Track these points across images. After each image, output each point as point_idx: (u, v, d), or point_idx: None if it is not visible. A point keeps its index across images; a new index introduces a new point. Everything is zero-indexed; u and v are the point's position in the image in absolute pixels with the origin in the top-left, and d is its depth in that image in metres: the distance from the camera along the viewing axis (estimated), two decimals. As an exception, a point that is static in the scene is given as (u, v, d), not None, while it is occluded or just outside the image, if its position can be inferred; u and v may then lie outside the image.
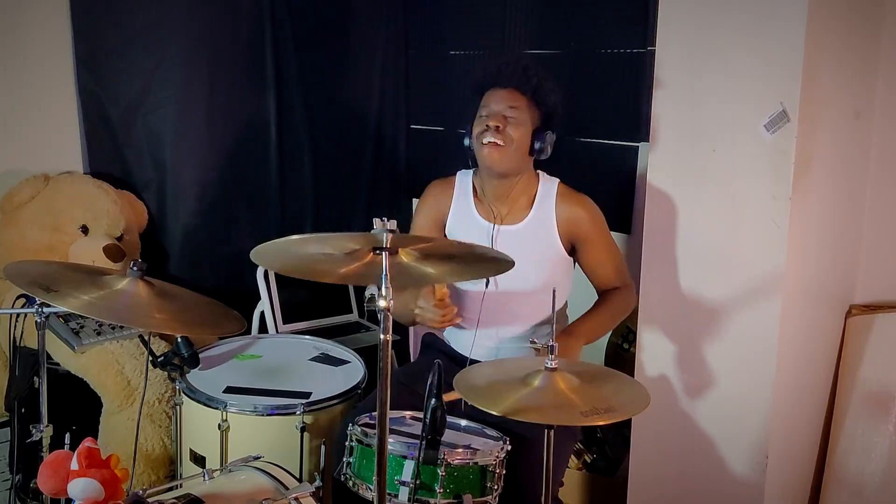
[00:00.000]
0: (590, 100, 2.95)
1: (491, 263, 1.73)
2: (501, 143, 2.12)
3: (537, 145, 2.15)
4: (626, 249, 2.86)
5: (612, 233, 2.86)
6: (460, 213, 2.31)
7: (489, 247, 2.18)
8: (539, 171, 2.29)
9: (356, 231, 3.39)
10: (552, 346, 1.73)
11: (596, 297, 2.33)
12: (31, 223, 2.63)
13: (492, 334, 2.28)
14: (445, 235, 2.34)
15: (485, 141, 2.13)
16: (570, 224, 2.22)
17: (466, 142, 2.22)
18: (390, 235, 1.44)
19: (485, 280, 2.22)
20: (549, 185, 2.25)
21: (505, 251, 1.65)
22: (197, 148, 3.02)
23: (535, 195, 2.24)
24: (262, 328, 3.06)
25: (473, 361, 2.25)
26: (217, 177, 3.09)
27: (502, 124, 2.12)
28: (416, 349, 2.88)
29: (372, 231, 1.45)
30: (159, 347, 2.50)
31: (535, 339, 2.03)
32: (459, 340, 2.34)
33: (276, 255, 1.59)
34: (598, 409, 1.61)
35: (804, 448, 2.36)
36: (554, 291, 1.81)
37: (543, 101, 2.17)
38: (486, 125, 2.12)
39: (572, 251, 2.26)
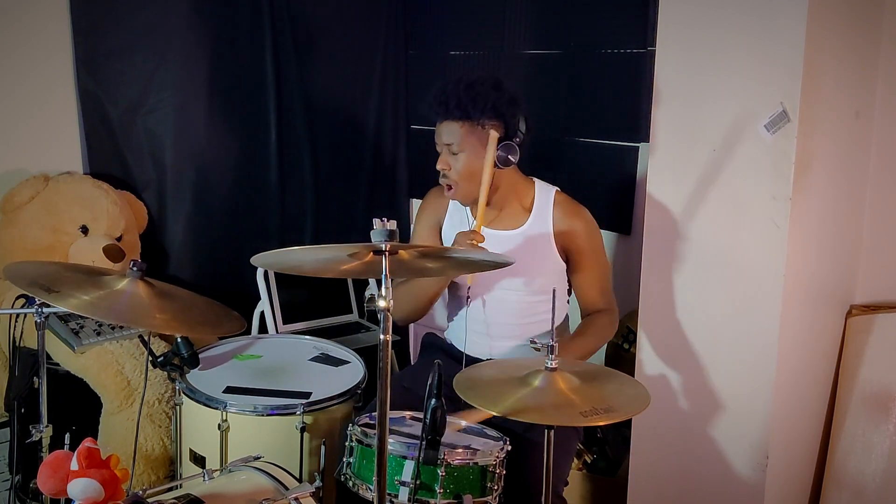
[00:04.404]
0: (590, 100, 2.95)
1: (486, 262, 1.86)
2: (450, 185, 2.19)
3: (496, 154, 2.13)
4: (626, 250, 2.86)
5: (611, 233, 2.88)
6: (455, 217, 2.35)
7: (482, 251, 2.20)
8: (535, 179, 2.29)
9: (356, 230, 3.41)
10: (552, 345, 1.73)
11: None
12: (31, 223, 2.63)
13: (491, 335, 2.29)
14: (441, 238, 2.37)
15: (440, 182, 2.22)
16: (566, 235, 2.23)
17: None
18: (389, 243, 1.47)
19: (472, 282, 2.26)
20: (546, 194, 2.26)
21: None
22: (197, 148, 3.02)
23: (532, 203, 2.25)
24: (262, 328, 3.06)
25: (471, 360, 2.27)
26: (217, 177, 3.09)
27: (447, 166, 2.18)
28: (416, 349, 2.89)
29: (371, 236, 1.48)
30: (159, 347, 2.50)
31: (535, 339, 2.03)
32: (460, 339, 2.35)
33: (276, 258, 1.63)
34: (598, 410, 1.62)
35: (804, 448, 2.36)
36: (554, 291, 1.82)
37: (481, 116, 2.12)
38: (437, 168, 2.21)
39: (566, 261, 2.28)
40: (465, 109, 2.12)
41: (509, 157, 2.13)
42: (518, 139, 2.15)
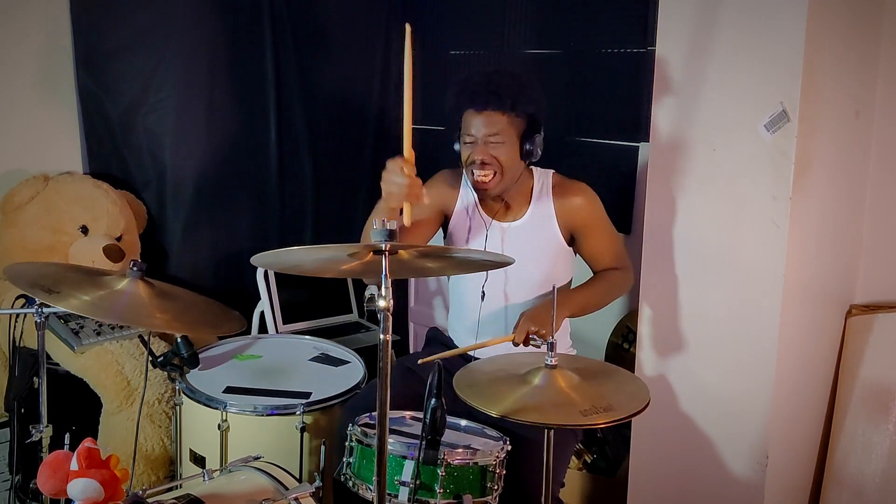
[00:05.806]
0: (590, 100, 2.95)
1: (487, 261, 1.85)
2: (490, 177, 2.12)
3: (527, 148, 2.14)
4: (626, 250, 2.86)
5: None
6: (464, 209, 2.32)
7: (481, 249, 2.20)
8: (532, 167, 2.29)
9: (356, 230, 3.40)
10: (552, 342, 1.73)
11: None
12: (31, 224, 2.63)
13: (496, 330, 2.28)
14: (445, 227, 2.35)
15: (475, 174, 2.14)
16: (568, 214, 2.23)
17: (456, 146, 2.22)
18: (389, 243, 1.47)
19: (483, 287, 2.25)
20: (544, 179, 2.26)
21: (509, 247, 1.68)
22: (197, 148, 3.02)
23: (532, 190, 2.25)
24: (262, 328, 3.06)
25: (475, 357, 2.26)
26: (217, 177, 3.09)
27: (487, 157, 2.11)
28: (416, 349, 2.89)
29: (371, 236, 1.48)
30: (159, 347, 2.50)
31: (535, 337, 2.03)
32: (462, 335, 2.35)
33: (276, 258, 1.63)
34: (598, 408, 1.61)
35: (804, 448, 2.36)
36: (554, 288, 1.81)
37: (525, 108, 2.12)
38: (473, 159, 2.13)
39: (571, 240, 2.27)
40: (515, 99, 2.10)
41: (536, 148, 2.15)
42: (541, 136, 2.17)
